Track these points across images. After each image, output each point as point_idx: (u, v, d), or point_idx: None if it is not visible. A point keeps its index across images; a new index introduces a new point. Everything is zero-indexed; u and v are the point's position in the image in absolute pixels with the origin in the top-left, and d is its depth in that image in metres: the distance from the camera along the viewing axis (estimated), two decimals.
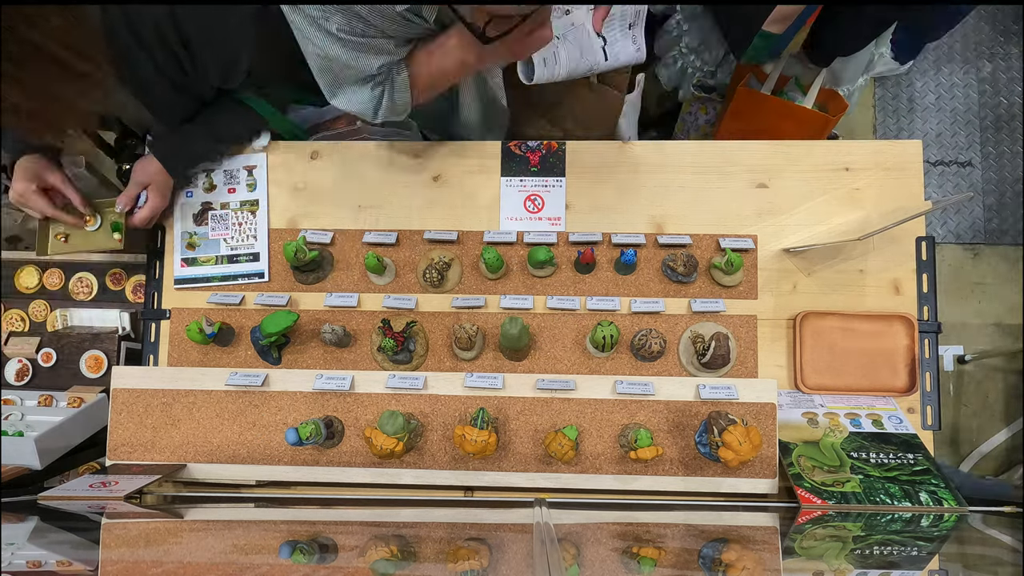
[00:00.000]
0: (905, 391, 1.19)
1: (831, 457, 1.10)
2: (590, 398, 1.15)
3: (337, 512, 1.17)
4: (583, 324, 1.22)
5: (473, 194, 1.28)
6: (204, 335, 1.17)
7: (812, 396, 1.19)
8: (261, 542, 0.98)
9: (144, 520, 1.05)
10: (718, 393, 1.12)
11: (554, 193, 1.27)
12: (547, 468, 1.14)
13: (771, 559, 0.92)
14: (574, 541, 0.92)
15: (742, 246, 1.22)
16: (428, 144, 1.31)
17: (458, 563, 0.84)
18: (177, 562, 0.85)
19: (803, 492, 1.04)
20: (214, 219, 1.29)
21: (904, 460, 1.09)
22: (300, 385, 1.18)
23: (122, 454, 1.18)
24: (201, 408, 1.18)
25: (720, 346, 1.15)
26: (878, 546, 0.94)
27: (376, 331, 1.22)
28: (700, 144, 1.28)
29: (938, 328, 1.21)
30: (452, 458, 1.15)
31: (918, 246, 1.22)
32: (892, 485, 1.05)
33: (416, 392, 1.16)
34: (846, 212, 1.24)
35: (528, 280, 1.24)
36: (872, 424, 1.15)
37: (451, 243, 1.25)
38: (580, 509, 1.12)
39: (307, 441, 1.07)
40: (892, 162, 1.24)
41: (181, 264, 1.29)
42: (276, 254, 1.28)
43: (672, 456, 1.13)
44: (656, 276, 1.23)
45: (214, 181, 1.31)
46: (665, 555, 0.92)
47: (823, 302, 1.22)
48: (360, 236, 1.26)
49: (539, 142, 1.29)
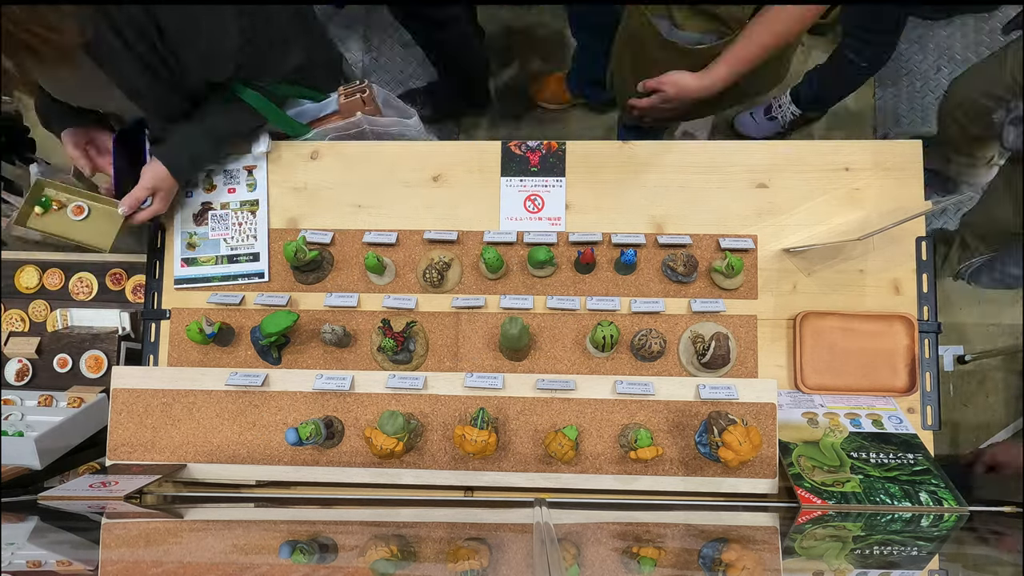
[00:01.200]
0: (905, 391, 1.19)
1: (831, 457, 1.10)
2: (590, 398, 1.15)
3: (337, 512, 1.17)
4: (583, 324, 1.22)
5: (473, 194, 1.28)
6: (204, 335, 1.17)
7: (812, 396, 1.19)
8: (261, 542, 0.98)
9: (144, 520, 1.05)
10: (718, 393, 1.12)
11: (554, 193, 1.27)
12: (547, 468, 1.14)
13: (771, 559, 0.92)
14: (574, 541, 0.92)
15: (742, 246, 1.22)
16: (428, 144, 1.32)
17: (458, 563, 0.84)
18: (177, 562, 0.85)
19: (803, 492, 1.04)
20: (214, 219, 1.29)
21: (904, 460, 1.09)
22: (300, 385, 1.18)
23: (122, 454, 1.18)
24: (201, 408, 1.18)
25: (720, 346, 1.16)
26: (878, 546, 0.94)
27: (376, 331, 1.22)
28: (700, 144, 1.28)
29: (938, 328, 1.21)
30: (452, 458, 1.15)
31: (918, 246, 1.22)
32: (892, 485, 1.05)
33: (416, 392, 1.16)
34: (846, 212, 1.24)
35: (528, 280, 1.24)
36: (872, 424, 1.15)
37: (451, 243, 1.25)
38: (580, 509, 1.12)
39: (307, 441, 1.07)
40: (892, 162, 1.24)
41: (181, 264, 1.29)
42: (276, 254, 1.28)
43: (672, 456, 1.13)
44: (656, 276, 1.23)
45: (214, 181, 1.31)
46: (665, 555, 0.92)
47: (823, 302, 1.22)
48: (360, 236, 1.26)
49: (539, 142, 1.29)
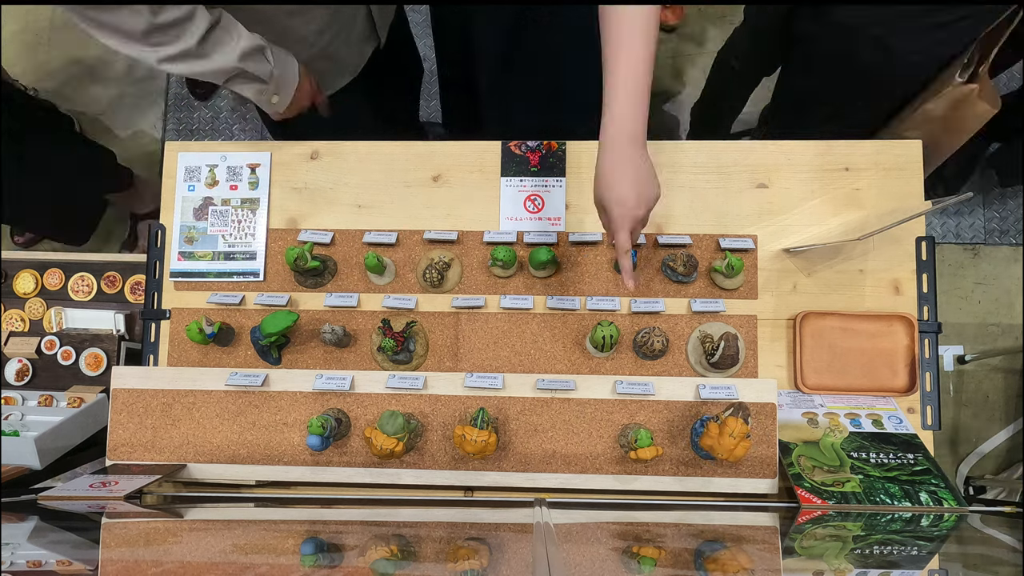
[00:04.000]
0: (905, 391, 1.19)
1: (831, 457, 1.10)
2: (590, 398, 1.15)
3: (337, 512, 1.17)
4: (583, 324, 1.22)
5: (473, 194, 1.28)
6: (204, 335, 1.17)
7: (812, 396, 1.19)
8: (261, 542, 0.98)
9: (144, 520, 1.05)
10: (718, 393, 1.12)
11: (554, 193, 1.27)
12: (547, 468, 1.14)
13: (771, 559, 0.92)
14: (574, 541, 0.92)
15: (742, 246, 1.22)
16: (428, 144, 1.31)
17: (458, 563, 0.84)
18: (177, 562, 0.85)
19: (803, 492, 1.04)
20: (214, 214, 1.29)
21: (904, 460, 1.09)
22: (300, 385, 1.18)
23: (122, 454, 1.18)
24: (201, 408, 1.18)
25: (729, 346, 1.15)
26: (878, 545, 0.94)
27: (376, 331, 1.22)
28: (700, 144, 1.28)
29: (938, 328, 1.21)
30: (452, 458, 1.15)
31: (918, 246, 1.22)
32: (892, 485, 1.05)
33: (416, 392, 1.16)
34: (846, 212, 1.24)
35: (528, 280, 1.24)
36: (872, 424, 1.15)
37: (451, 243, 1.25)
38: (580, 509, 1.12)
39: (327, 437, 1.09)
40: (892, 162, 1.24)
41: (178, 257, 1.29)
42: (273, 254, 1.28)
43: (672, 456, 1.13)
44: (656, 276, 1.23)
45: (217, 176, 1.31)
46: (665, 555, 0.92)
47: (823, 302, 1.22)
48: (360, 236, 1.26)
49: (539, 142, 1.29)
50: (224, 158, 1.31)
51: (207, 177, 1.31)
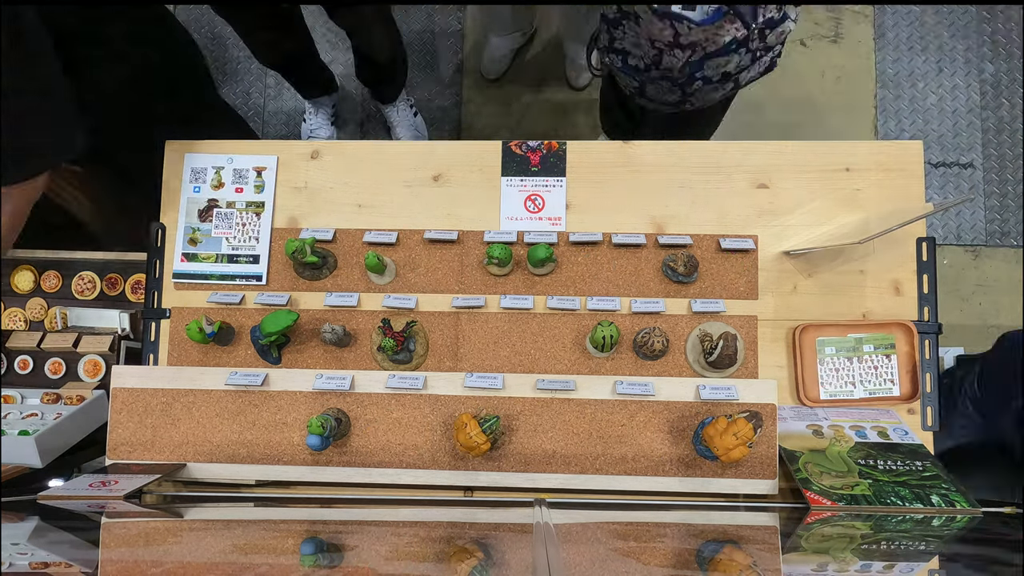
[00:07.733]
0: (907, 399, 1.18)
1: (838, 464, 1.09)
2: (590, 398, 1.15)
3: (337, 512, 1.17)
4: (583, 324, 1.22)
5: (473, 194, 1.28)
6: (204, 334, 1.17)
7: (815, 409, 1.19)
8: (261, 542, 0.98)
9: (144, 520, 1.05)
10: (718, 394, 1.12)
11: (555, 193, 1.27)
12: (547, 468, 1.14)
13: (771, 559, 0.91)
14: (574, 541, 0.92)
15: (742, 246, 1.22)
16: (428, 144, 1.32)
17: (458, 563, 0.84)
18: (177, 562, 0.85)
19: (812, 495, 1.03)
20: (219, 216, 1.30)
21: (912, 467, 1.08)
22: (300, 385, 1.18)
23: (122, 453, 1.18)
24: (201, 408, 1.18)
25: (728, 346, 1.15)
26: (885, 542, 0.94)
27: (376, 331, 1.22)
28: (701, 144, 1.28)
29: (939, 329, 1.21)
30: (452, 458, 1.15)
31: (919, 247, 1.22)
32: (902, 489, 1.04)
33: (416, 392, 1.16)
34: (847, 213, 1.24)
35: (528, 280, 1.24)
36: (878, 435, 1.14)
37: (451, 243, 1.25)
38: (580, 509, 1.12)
39: (327, 436, 1.09)
40: (893, 163, 1.24)
41: (181, 259, 1.29)
42: (276, 256, 1.28)
43: (672, 456, 1.13)
44: (656, 276, 1.23)
45: (223, 179, 1.31)
46: (666, 555, 0.91)
47: (824, 303, 1.22)
48: (360, 236, 1.26)
49: (539, 142, 1.29)
50: (231, 160, 1.31)
51: (213, 179, 1.31)
